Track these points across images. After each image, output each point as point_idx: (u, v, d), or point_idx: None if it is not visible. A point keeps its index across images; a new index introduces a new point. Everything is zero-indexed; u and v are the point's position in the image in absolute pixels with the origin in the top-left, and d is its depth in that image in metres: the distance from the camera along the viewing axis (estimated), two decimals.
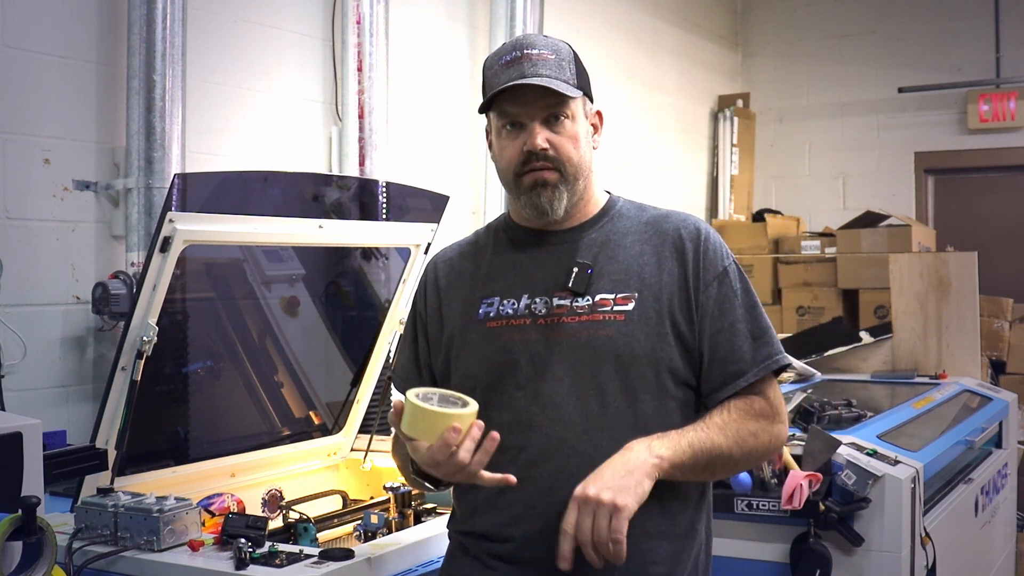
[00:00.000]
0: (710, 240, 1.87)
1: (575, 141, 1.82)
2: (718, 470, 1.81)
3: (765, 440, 1.82)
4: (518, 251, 1.91)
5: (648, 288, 1.81)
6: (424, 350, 1.96)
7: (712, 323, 1.82)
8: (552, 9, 5.04)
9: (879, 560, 2.70)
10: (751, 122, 7.33)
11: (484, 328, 1.86)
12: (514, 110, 1.80)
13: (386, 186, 3.05)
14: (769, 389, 1.84)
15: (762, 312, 1.87)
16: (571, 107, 1.82)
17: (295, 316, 3.05)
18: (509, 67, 1.79)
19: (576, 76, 1.83)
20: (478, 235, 2.01)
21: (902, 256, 4.77)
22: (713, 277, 1.83)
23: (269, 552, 1.99)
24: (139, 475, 2.46)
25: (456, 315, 1.90)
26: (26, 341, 2.99)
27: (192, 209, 2.35)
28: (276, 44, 3.84)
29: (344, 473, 3.05)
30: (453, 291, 1.93)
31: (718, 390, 1.82)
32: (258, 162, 3.69)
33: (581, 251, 1.85)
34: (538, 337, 1.81)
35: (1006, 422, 4.23)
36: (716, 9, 7.38)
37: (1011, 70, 6.83)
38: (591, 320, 1.80)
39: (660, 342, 1.79)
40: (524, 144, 1.79)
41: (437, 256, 2.03)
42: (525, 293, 1.85)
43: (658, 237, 1.86)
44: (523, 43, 1.82)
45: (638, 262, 1.84)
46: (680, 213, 1.92)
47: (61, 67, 3.12)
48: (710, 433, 1.75)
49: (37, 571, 1.81)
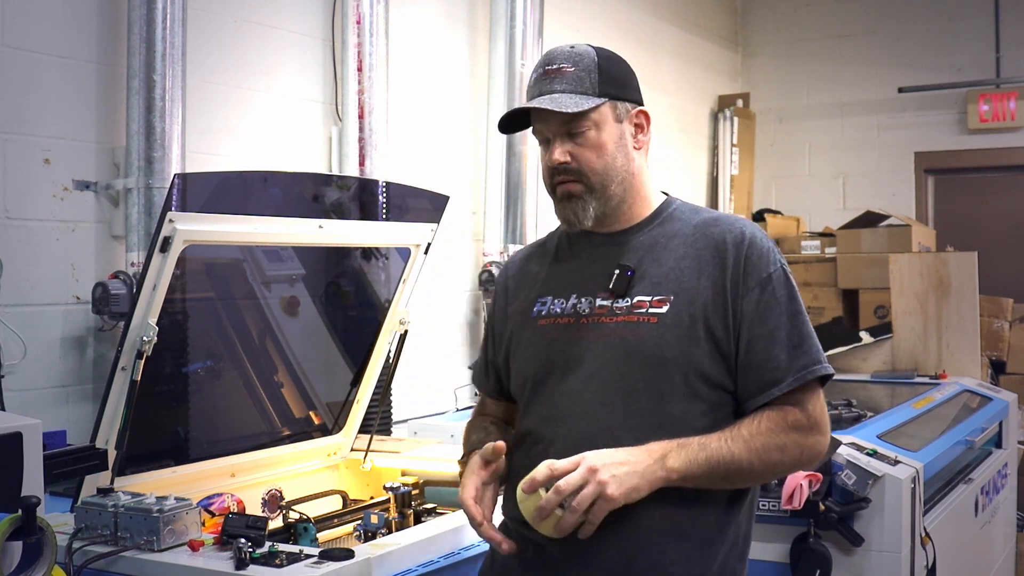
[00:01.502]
0: (755, 245, 1.85)
1: (599, 150, 1.85)
2: (738, 481, 1.81)
3: (795, 454, 1.80)
4: (573, 253, 1.98)
5: (684, 292, 1.83)
6: (491, 348, 2.07)
7: (750, 329, 1.81)
8: (552, 9, 5.04)
9: (879, 560, 2.71)
10: (751, 122, 7.33)
11: (536, 325, 1.93)
12: (539, 127, 1.89)
13: (386, 186, 3.05)
14: (807, 400, 1.81)
15: (805, 320, 1.84)
16: (591, 117, 1.84)
17: (295, 316, 3.05)
18: (535, 85, 1.88)
19: (598, 84, 1.85)
20: (549, 236, 2.09)
21: (902, 256, 4.77)
22: (755, 283, 1.82)
23: (269, 552, 1.99)
24: (139, 475, 2.46)
25: (516, 313, 1.99)
26: (26, 341, 2.99)
27: (192, 209, 2.35)
28: (276, 44, 3.84)
29: (344, 473, 3.05)
30: (519, 291, 2.02)
31: (753, 397, 1.81)
32: (258, 162, 3.69)
33: (628, 254, 1.89)
34: (577, 336, 1.86)
35: (1006, 422, 4.24)
36: (716, 9, 7.38)
37: (1011, 70, 6.83)
38: (626, 321, 1.83)
39: (691, 346, 1.80)
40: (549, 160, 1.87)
41: (511, 258, 2.14)
42: (573, 293, 1.91)
43: (703, 241, 1.87)
44: (546, 58, 1.89)
45: (679, 266, 1.86)
46: (731, 217, 1.94)
47: (61, 67, 3.12)
48: (732, 447, 1.75)
49: (37, 571, 1.81)
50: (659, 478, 1.71)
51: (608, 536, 1.73)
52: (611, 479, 1.67)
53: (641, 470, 1.70)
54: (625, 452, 1.72)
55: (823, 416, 1.83)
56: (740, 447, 1.74)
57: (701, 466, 1.73)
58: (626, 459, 1.70)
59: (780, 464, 1.81)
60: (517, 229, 4.63)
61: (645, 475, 1.70)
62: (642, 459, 1.71)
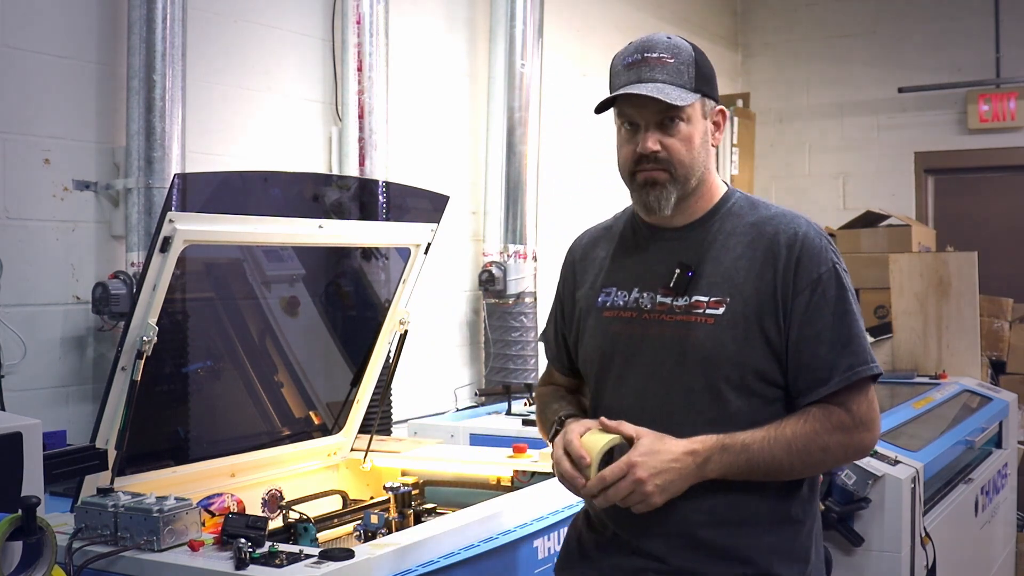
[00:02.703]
0: (807, 245, 1.88)
1: (688, 143, 1.88)
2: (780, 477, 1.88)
3: (838, 455, 1.88)
4: (637, 245, 2.01)
5: (740, 293, 1.87)
6: (562, 325, 2.12)
7: (799, 330, 1.85)
8: (552, 9, 5.04)
9: (879, 560, 2.71)
10: (751, 122, 7.33)
11: (600, 316, 1.99)
12: (630, 112, 1.88)
13: (386, 186, 3.05)
14: (854, 399, 1.85)
15: (855, 320, 1.87)
16: (686, 110, 1.87)
17: (295, 316, 3.05)
18: (629, 69, 1.87)
19: (695, 79, 1.87)
20: (616, 219, 2.11)
21: (902, 256, 4.77)
22: (806, 284, 1.86)
23: (269, 552, 1.99)
24: (139, 475, 2.46)
25: (583, 299, 2.05)
26: (26, 341, 2.99)
27: (192, 209, 2.34)
28: (276, 44, 3.84)
29: (344, 473, 3.05)
30: (585, 275, 2.07)
31: (803, 395, 1.87)
32: (258, 162, 3.69)
33: (688, 250, 1.93)
34: (638, 331, 1.92)
35: (1006, 422, 4.24)
36: (716, 9, 7.38)
37: (1011, 70, 6.83)
38: (684, 320, 1.88)
39: (747, 346, 1.85)
40: (637, 146, 1.87)
41: (579, 238, 2.16)
42: (636, 287, 1.96)
43: (759, 240, 1.90)
44: (645, 45, 1.89)
45: (735, 265, 1.89)
46: (787, 214, 1.95)
47: (61, 67, 3.12)
48: (774, 449, 1.81)
49: (37, 571, 1.81)
50: (697, 478, 1.81)
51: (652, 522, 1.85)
52: (655, 490, 1.77)
53: (685, 475, 1.79)
54: (671, 456, 1.78)
55: (870, 413, 1.87)
56: (781, 449, 1.81)
57: (741, 467, 1.82)
58: (670, 465, 1.78)
59: (823, 463, 1.89)
60: (517, 229, 4.63)
61: (687, 478, 1.80)
62: (686, 463, 1.79)
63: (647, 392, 1.90)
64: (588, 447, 1.81)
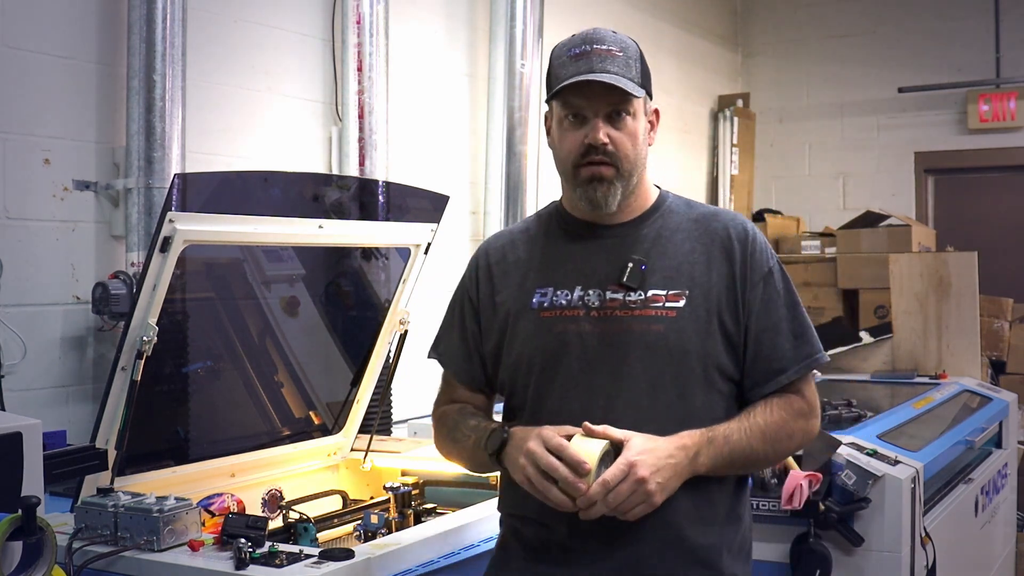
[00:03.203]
0: (757, 241, 1.92)
1: (634, 138, 1.86)
2: (751, 468, 1.93)
3: (800, 440, 1.93)
4: (572, 242, 1.95)
5: (698, 286, 1.86)
6: (474, 334, 2.00)
7: (757, 322, 1.87)
8: (552, 9, 5.04)
9: (879, 560, 2.71)
10: (751, 122, 7.33)
11: (538, 317, 1.90)
12: (579, 103, 1.84)
13: (386, 186, 3.05)
14: (807, 386, 1.92)
15: (803, 311, 1.93)
16: (633, 105, 1.85)
17: (295, 316, 3.05)
18: (577, 60, 1.83)
19: (641, 75, 1.87)
20: (529, 223, 2.06)
21: (902, 256, 4.77)
22: (760, 278, 1.89)
23: (269, 552, 1.99)
24: (139, 475, 2.46)
25: (509, 303, 1.95)
26: (26, 341, 2.99)
27: (192, 209, 2.34)
28: (276, 44, 3.84)
29: (344, 473, 3.05)
30: (507, 279, 1.98)
31: (760, 385, 1.89)
32: (258, 162, 3.69)
33: (634, 246, 1.90)
34: (591, 329, 1.86)
35: (1006, 422, 4.24)
36: (716, 9, 7.38)
37: (1011, 70, 6.83)
38: (643, 315, 1.85)
39: (709, 339, 1.85)
40: (585, 137, 1.84)
41: (488, 243, 2.08)
42: (579, 285, 1.90)
43: (708, 235, 1.91)
44: (593, 37, 1.87)
45: (689, 260, 1.89)
46: (728, 212, 1.99)
47: (61, 67, 3.12)
48: (751, 439, 1.83)
49: (37, 571, 1.81)
50: (689, 473, 1.78)
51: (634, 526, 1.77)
52: (656, 488, 1.72)
53: (680, 471, 1.76)
54: (666, 452, 1.75)
55: (817, 399, 1.95)
56: (758, 439, 1.83)
57: (725, 459, 1.81)
58: (666, 462, 1.74)
59: (788, 450, 1.93)
60: None
61: (682, 475, 1.77)
62: (680, 459, 1.76)
63: (611, 393, 1.84)
64: (584, 453, 1.71)
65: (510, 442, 1.83)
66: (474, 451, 1.91)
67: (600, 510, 1.71)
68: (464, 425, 1.96)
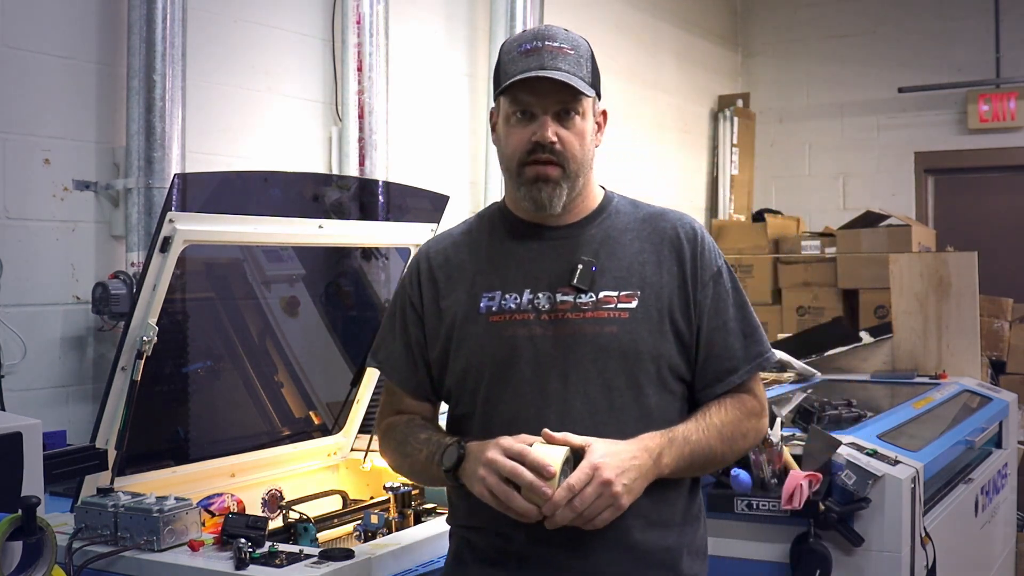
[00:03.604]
0: (705, 241, 1.91)
1: (582, 138, 1.83)
2: (708, 469, 1.90)
3: (752, 439, 1.93)
4: (517, 244, 1.90)
5: (650, 286, 1.84)
6: (418, 341, 1.93)
7: (708, 321, 1.86)
8: (552, 9, 5.04)
9: (879, 560, 2.70)
10: (751, 122, 7.33)
11: (486, 322, 1.85)
12: (528, 99, 1.80)
13: (386, 186, 3.05)
14: (757, 385, 1.93)
15: (751, 310, 1.93)
16: (583, 104, 1.82)
17: (295, 316, 3.05)
18: (528, 56, 1.80)
19: (591, 74, 1.84)
20: (470, 224, 2.01)
21: (902, 256, 4.77)
22: (709, 277, 1.88)
23: (269, 552, 1.99)
24: (139, 475, 2.46)
25: (456, 307, 1.88)
26: (26, 341, 2.99)
27: (192, 209, 2.34)
28: (276, 44, 3.84)
29: (344, 473, 3.05)
30: (451, 283, 1.91)
31: (711, 386, 1.88)
32: (258, 162, 3.69)
33: (582, 247, 1.86)
34: (542, 332, 1.82)
35: (1006, 422, 4.23)
36: (716, 9, 7.38)
37: (1011, 70, 6.83)
38: (596, 317, 1.81)
39: (662, 339, 1.83)
40: (533, 134, 1.79)
41: (428, 246, 2.00)
42: (527, 288, 1.85)
43: (656, 235, 1.89)
44: (544, 33, 1.84)
45: (639, 260, 1.86)
46: (675, 212, 1.95)
47: (61, 67, 3.12)
48: (710, 439, 1.82)
49: (37, 571, 1.81)
50: (655, 475, 1.75)
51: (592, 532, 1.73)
52: (623, 490, 1.68)
53: (645, 472, 1.73)
54: (629, 454, 1.71)
55: (766, 399, 1.95)
56: (715, 438, 1.82)
57: (686, 459, 1.79)
58: (631, 463, 1.70)
59: (742, 449, 1.93)
60: None
61: (647, 476, 1.74)
62: (645, 460, 1.73)
63: (567, 396, 1.79)
64: (547, 458, 1.65)
65: (467, 457, 1.76)
66: (426, 465, 1.85)
67: (566, 516, 1.65)
68: (414, 438, 1.89)
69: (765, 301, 6.41)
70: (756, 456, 2.71)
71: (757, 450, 2.71)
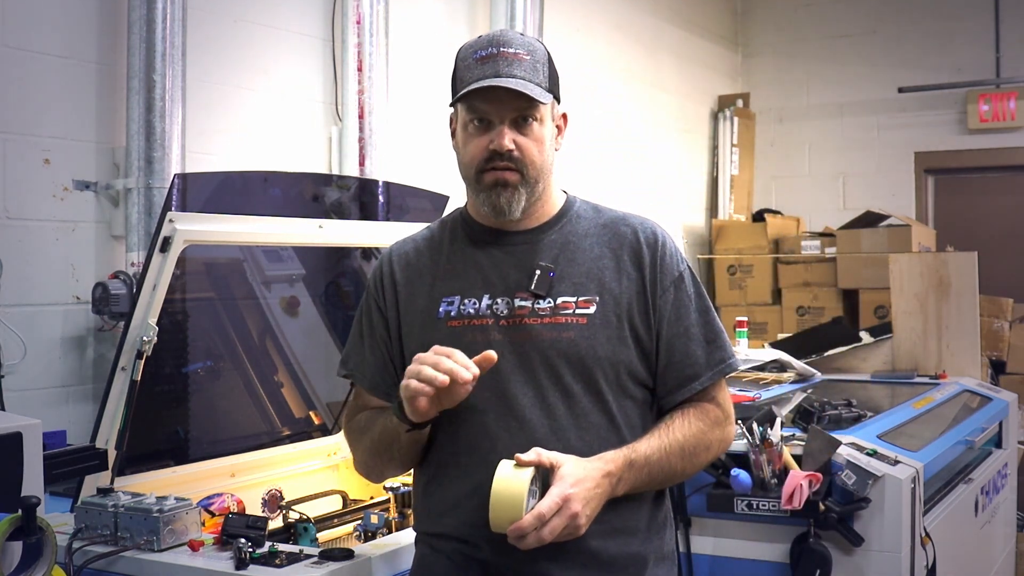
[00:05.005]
0: (667, 246, 1.89)
1: (540, 144, 1.83)
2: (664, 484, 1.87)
3: (715, 451, 1.89)
4: (477, 249, 1.90)
5: (608, 292, 1.83)
6: (385, 342, 1.92)
7: (668, 327, 1.85)
8: (552, 9, 5.04)
9: (879, 560, 2.70)
10: (751, 122, 7.33)
11: (445, 327, 1.84)
12: (484, 107, 1.79)
13: (386, 186, 3.05)
14: (720, 392, 1.90)
15: (715, 316, 1.91)
16: (540, 110, 1.82)
17: (295, 316, 3.05)
18: (483, 63, 1.78)
19: (548, 79, 1.83)
20: (433, 229, 2.00)
21: (902, 256, 4.77)
22: (670, 283, 1.86)
23: (269, 552, 1.99)
24: (139, 475, 2.47)
25: (416, 312, 1.89)
26: (26, 341, 2.99)
27: (192, 209, 2.35)
28: (276, 44, 3.84)
29: (344, 473, 3.05)
30: (411, 287, 1.91)
31: (673, 392, 1.86)
32: (258, 162, 3.69)
33: (541, 252, 1.86)
34: (501, 338, 1.81)
35: (1006, 422, 4.23)
36: (716, 9, 7.38)
37: (1011, 70, 6.83)
38: (554, 323, 1.81)
39: (620, 345, 1.82)
40: (490, 143, 1.79)
41: (392, 249, 2.00)
42: (486, 293, 1.85)
43: (616, 240, 1.88)
44: (499, 39, 1.81)
45: (598, 265, 1.85)
46: (637, 216, 1.94)
47: (61, 67, 3.12)
48: (671, 457, 1.79)
49: (37, 571, 1.81)
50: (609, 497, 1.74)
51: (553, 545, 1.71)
52: (585, 521, 1.68)
53: (602, 499, 1.72)
54: (594, 482, 1.70)
55: (731, 405, 1.92)
56: (676, 456, 1.80)
57: (643, 480, 1.78)
58: (595, 492, 1.69)
59: (705, 462, 1.90)
60: None
61: (603, 502, 1.73)
62: (605, 487, 1.72)
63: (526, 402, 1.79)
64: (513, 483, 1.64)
65: None
66: (383, 428, 1.83)
67: (531, 541, 1.64)
68: (372, 421, 1.89)
69: (765, 301, 6.42)
70: (756, 456, 2.72)
71: (757, 450, 2.71)
